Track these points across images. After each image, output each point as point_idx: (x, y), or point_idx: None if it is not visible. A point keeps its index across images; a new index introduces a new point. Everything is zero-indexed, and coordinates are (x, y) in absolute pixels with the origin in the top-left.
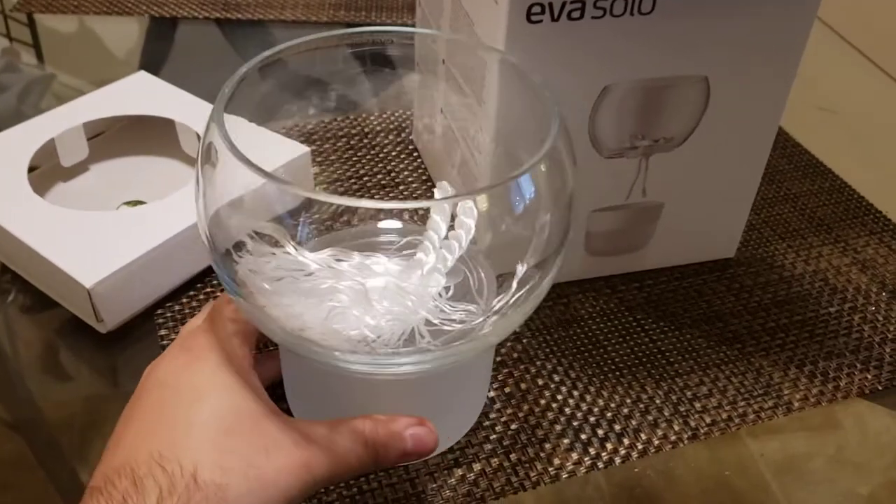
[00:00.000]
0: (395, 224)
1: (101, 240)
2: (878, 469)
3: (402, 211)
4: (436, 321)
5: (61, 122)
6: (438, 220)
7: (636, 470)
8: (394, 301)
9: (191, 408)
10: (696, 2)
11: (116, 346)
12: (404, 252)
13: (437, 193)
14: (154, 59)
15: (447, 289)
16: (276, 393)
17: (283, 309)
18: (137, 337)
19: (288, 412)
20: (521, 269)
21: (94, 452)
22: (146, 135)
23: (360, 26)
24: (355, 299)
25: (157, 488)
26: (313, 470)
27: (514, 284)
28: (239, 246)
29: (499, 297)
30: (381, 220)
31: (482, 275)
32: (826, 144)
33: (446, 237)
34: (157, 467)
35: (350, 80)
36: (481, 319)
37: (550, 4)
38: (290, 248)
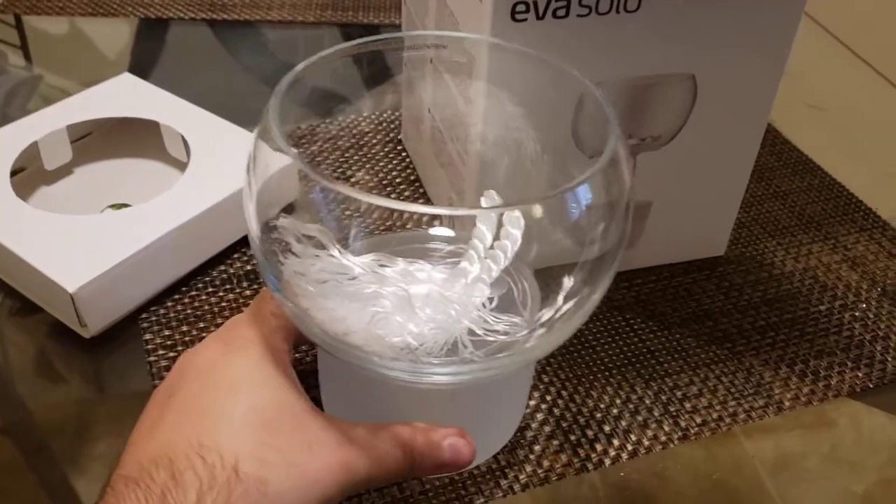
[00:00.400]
0: (440, 232)
1: (84, 243)
2: (872, 467)
3: (445, 217)
4: (479, 331)
5: (44, 124)
6: (484, 230)
7: (630, 469)
8: (437, 309)
9: (231, 398)
10: (682, 1)
11: (102, 350)
12: (448, 260)
13: (483, 202)
14: (142, 60)
15: (491, 300)
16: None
17: (327, 312)
18: (122, 341)
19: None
20: (568, 283)
21: (84, 456)
22: (130, 137)
23: (349, 26)
24: (399, 305)
25: (198, 481)
26: (353, 471)
27: (561, 298)
28: (285, 247)
29: (543, 311)
30: (426, 226)
31: (527, 287)
32: (815, 141)
33: (492, 247)
34: (197, 458)
35: (346, 85)
36: (526, 332)
37: (535, 3)
38: (334, 252)
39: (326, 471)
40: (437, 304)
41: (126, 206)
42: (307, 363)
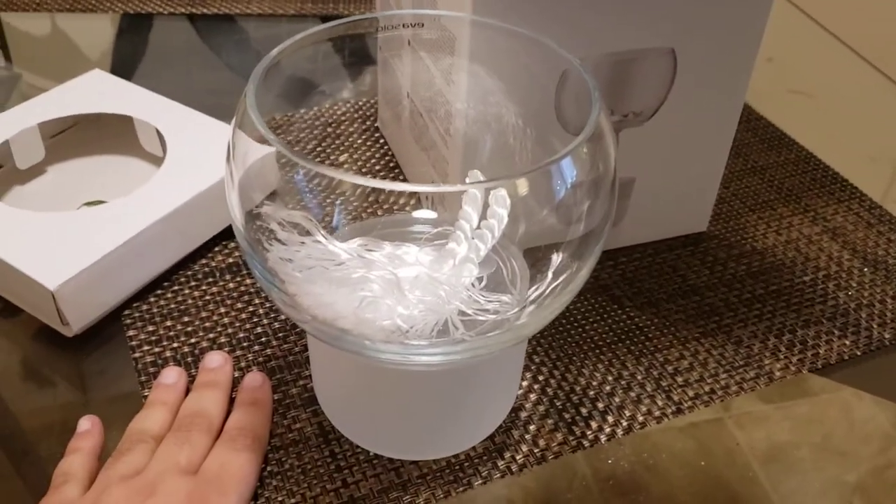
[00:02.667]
0: (425, 214)
1: (63, 241)
2: (864, 457)
3: (429, 198)
4: (469, 312)
5: (15, 123)
6: (469, 210)
7: (623, 462)
8: (426, 291)
9: None
10: None
11: (85, 349)
12: (435, 242)
13: (468, 181)
14: (122, 57)
15: (480, 279)
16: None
17: (315, 298)
18: (105, 338)
19: (314, 400)
20: (556, 259)
21: (36, 457)
22: (104, 133)
23: (329, 18)
24: (387, 289)
25: None
26: None
27: (550, 275)
28: (269, 235)
29: (533, 288)
30: (412, 209)
31: (515, 265)
32: (798, 126)
33: (478, 227)
34: None
35: (324, 73)
36: (516, 310)
37: None
38: (320, 238)
39: None
40: (426, 286)
41: (102, 202)
42: (297, 353)
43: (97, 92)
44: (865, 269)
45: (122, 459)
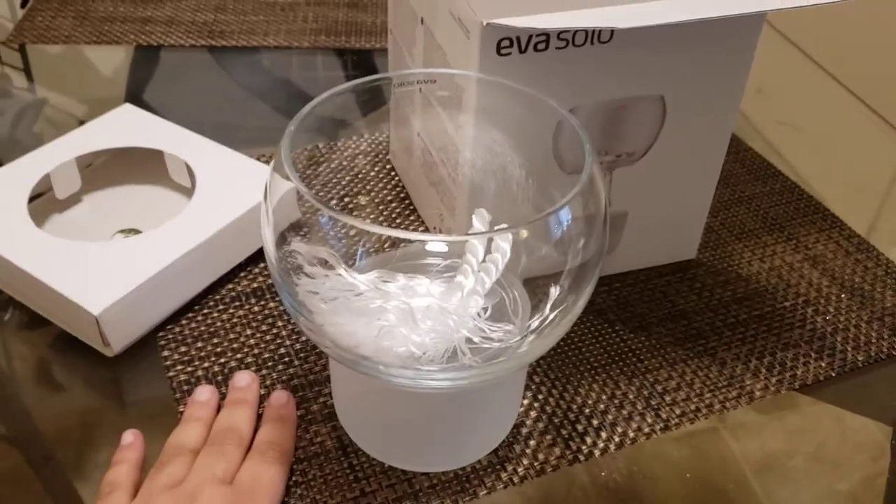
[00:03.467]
0: (436, 248)
1: (104, 268)
2: (856, 466)
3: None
4: (476, 339)
5: (55, 156)
6: (476, 245)
7: (620, 471)
8: (437, 320)
9: None
10: (649, 32)
11: (123, 368)
12: (445, 274)
13: (475, 221)
14: (142, 86)
15: (485, 309)
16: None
17: (339, 327)
18: (141, 358)
19: (334, 416)
20: (554, 292)
21: (91, 467)
22: (135, 166)
23: (342, 51)
24: (402, 318)
25: None
26: None
27: (549, 307)
28: (298, 269)
29: (534, 318)
30: (424, 244)
31: (517, 296)
32: (787, 157)
33: (484, 261)
34: None
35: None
36: (518, 339)
37: (518, 38)
38: (342, 271)
39: None
40: (437, 316)
41: (135, 230)
42: (317, 372)
43: (129, 126)
44: (843, 296)
45: (164, 471)
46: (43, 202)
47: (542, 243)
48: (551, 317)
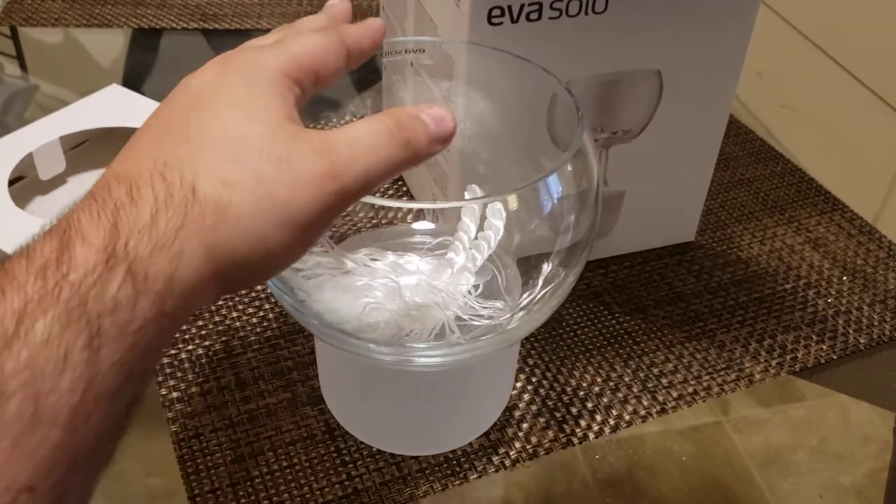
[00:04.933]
0: (427, 225)
1: None
2: (860, 460)
3: (430, 212)
4: (465, 317)
5: (39, 136)
6: (468, 222)
7: (622, 464)
8: (425, 298)
9: (207, 116)
10: (645, 2)
11: None
12: (436, 252)
13: (467, 195)
14: (136, 70)
15: (476, 287)
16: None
17: (323, 304)
18: None
19: (321, 399)
20: (546, 268)
21: None
22: (122, 145)
23: None
24: (389, 296)
25: (153, 200)
26: (341, 177)
27: (540, 282)
28: None
29: (525, 295)
30: (414, 221)
31: (509, 273)
32: (788, 140)
33: (475, 237)
34: (157, 177)
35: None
36: (508, 315)
37: (510, 7)
38: (328, 248)
39: (303, 186)
40: (426, 293)
41: None
42: (304, 355)
43: (115, 106)
44: (844, 278)
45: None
46: (26, 184)
47: (534, 216)
48: (542, 293)
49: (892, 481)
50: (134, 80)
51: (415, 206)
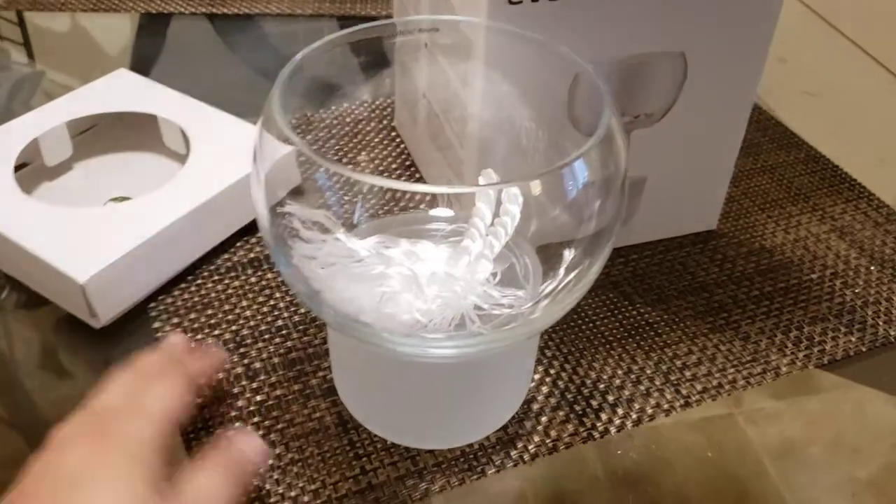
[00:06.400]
0: (441, 212)
1: (91, 235)
2: (877, 453)
3: (445, 197)
4: (485, 306)
5: (45, 121)
6: (484, 208)
7: (633, 455)
8: (442, 287)
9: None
10: None
11: (111, 340)
12: (450, 239)
13: (481, 181)
14: (142, 55)
15: (494, 275)
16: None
17: (337, 293)
18: (131, 331)
19: (333, 391)
20: (568, 256)
21: None
22: (129, 131)
23: (346, 18)
24: (405, 285)
25: None
26: None
27: (562, 271)
28: (293, 233)
29: (546, 283)
30: (428, 207)
31: (528, 262)
32: (810, 127)
33: (492, 224)
34: None
35: (343, 75)
36: (530, 304)
37: None
38: (340, 235)
39: None
40: (443, 282)
41: (128, 199)
42: (316, 345)
43: (122, 90)
44: (872, 268)
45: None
46: (32, 170)
47: (557, 203)
48: (565, 281)
49: None
50: (141, 65)
51: (428, 189)
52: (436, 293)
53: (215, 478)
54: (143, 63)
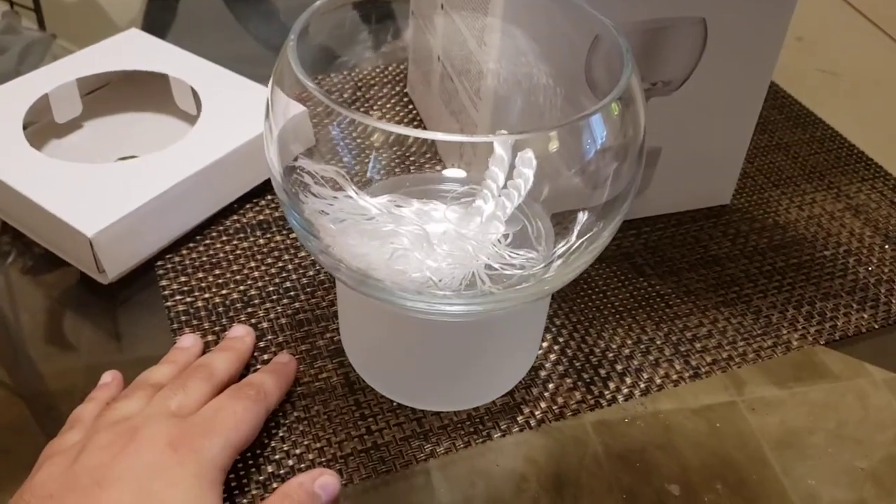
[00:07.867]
0: (453, 173)
1: (100, 191)
2: (878, 444)
3: (459, 155)
4: (497, 266)
5: (55, 78)
6: (496, 170)
7: (635, 442)
8: (453, 246)
9: None
10: None
11: (119, 297)
12: (462, 200)
13: (496, 143)
14: (153, 25)
15: (506, 236)
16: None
17: (349, 249)
18: (139, 288)
19: (341, 352)
20: (581, 218)
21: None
22: (140, 91)
23: None
24: (416, 243)
25: None
26: None
27: (576, 232)
28: (304, 188)
29: (559, 245)
30: (440, 168)
31: (541, 224)
32: (827, 106)
33: (505, 186)
34: None
35: (354, 37)
36: (543, 265)
37: None
38: (351, 193)
39: None
40: (454, 241)
41: (137, 158)
42: (324, 307)
43: (134, 50)
44: (886, 246)
45: (115, 406)
46: (42, 126)
47: (572, 163)
48: (578, 243)
49: None
50: (153, 33)
51: (440, 136)
52: (447, 252)
53: None
54: (154, 31)
